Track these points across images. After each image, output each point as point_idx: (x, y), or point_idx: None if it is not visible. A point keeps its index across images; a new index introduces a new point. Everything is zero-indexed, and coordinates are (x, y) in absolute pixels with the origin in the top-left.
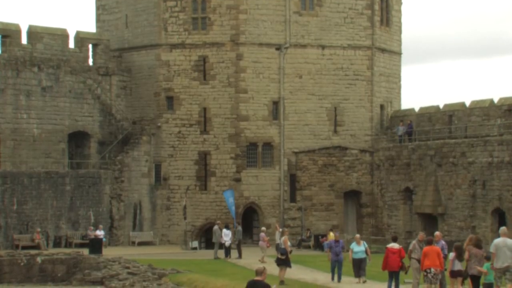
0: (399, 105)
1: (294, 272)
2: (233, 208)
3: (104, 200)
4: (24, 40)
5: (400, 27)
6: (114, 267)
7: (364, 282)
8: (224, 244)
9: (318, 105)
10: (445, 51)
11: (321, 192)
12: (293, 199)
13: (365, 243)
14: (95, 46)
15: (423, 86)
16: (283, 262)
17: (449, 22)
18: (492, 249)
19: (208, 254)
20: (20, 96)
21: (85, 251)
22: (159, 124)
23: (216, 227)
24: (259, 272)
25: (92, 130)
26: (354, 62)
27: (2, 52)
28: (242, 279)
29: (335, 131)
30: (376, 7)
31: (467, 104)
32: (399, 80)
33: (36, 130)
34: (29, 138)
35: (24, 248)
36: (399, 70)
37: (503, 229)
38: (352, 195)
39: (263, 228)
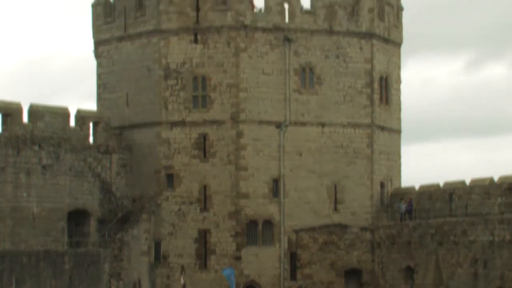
0: (399, 183)
1: None
2: (233, 286)
3: (103, 279)
4: (25, 118)
5: (399, 106)
6: None
7: None
8: None
9: (318, 182)
10: (445, 129)
11: (321, 271)
12: (293, 277)
13: None
14: (95, 124)
15: (423, 164)
16: None
17: (449, 101)
18: None
19: None
20: (20, 174)
21: None
22: (159, 201)
23: None
24: None
25: (92, 208)
26: (354, 140)
27: (3, 130)
28: None
29: (336, 209)
30: (376, 85)
31: (467, 182)
32: (399, 158)
33: (36, 208)
34: (29, 216)
35: None
36: (399, 148)
37: None
38: (353, 274)
39: None
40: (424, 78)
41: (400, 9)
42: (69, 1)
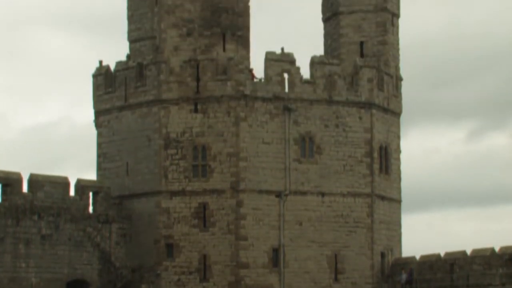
0: (400, 252)
1: None
2: None
3: None
4: (25, 188)
5: (399, 175)
6: None
7: None
8: None
9: (318, 252)
10: (446, 199)
11: None
12: None
13: None
14: (95, 193)
15: (424, 234)
16: None
17: (450, 170)
18: None
19: None
20: (20, 244)
21: None
22: (158, 271)
23: None
24: None
25: (91, 278)
26: (354, 209)
27: (2, 200)
28: None
29: (336, 279)
30: (375, 155)
31: (469, 252)
32: (400, 228)
33: (34, 279)
34: (27, 287)
35: None
36: (399, 218)
37: None
38: None
39: None
40: (426, 147)
41: (399, 79)
42: (70, 71)
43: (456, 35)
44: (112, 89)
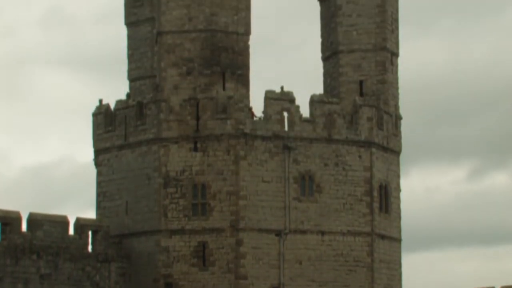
0: None
1: None
2: None
3: None
4: (24, 227)
5: (399, 214)
6: None
7: None
8: None
9: None
10: (447, 238)
11: None
12: None
13: None
14: (95, 232)
15: (425, 273)
16: None
17: (451, 209)
18: None
19: None
20: (18, 284)
21: None
22: None
23: None
24: None
25: None
26: (354, 248)
27: (1, 239)
28: None
29: None
30: (375, 193)
31: None
32: (400, 267)
33: None
34: None
35: None
36: (399, 257)
37: None
38: None
39: None
40: (427, 186)
41: (398, 118)
42: (70, 109)
43: (456, 73)
44: (112, 127)
